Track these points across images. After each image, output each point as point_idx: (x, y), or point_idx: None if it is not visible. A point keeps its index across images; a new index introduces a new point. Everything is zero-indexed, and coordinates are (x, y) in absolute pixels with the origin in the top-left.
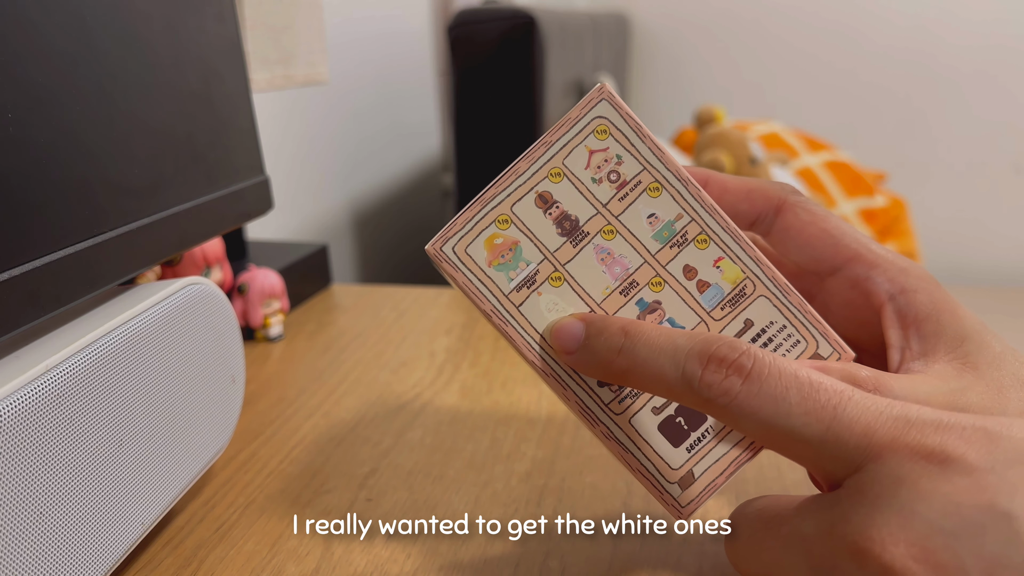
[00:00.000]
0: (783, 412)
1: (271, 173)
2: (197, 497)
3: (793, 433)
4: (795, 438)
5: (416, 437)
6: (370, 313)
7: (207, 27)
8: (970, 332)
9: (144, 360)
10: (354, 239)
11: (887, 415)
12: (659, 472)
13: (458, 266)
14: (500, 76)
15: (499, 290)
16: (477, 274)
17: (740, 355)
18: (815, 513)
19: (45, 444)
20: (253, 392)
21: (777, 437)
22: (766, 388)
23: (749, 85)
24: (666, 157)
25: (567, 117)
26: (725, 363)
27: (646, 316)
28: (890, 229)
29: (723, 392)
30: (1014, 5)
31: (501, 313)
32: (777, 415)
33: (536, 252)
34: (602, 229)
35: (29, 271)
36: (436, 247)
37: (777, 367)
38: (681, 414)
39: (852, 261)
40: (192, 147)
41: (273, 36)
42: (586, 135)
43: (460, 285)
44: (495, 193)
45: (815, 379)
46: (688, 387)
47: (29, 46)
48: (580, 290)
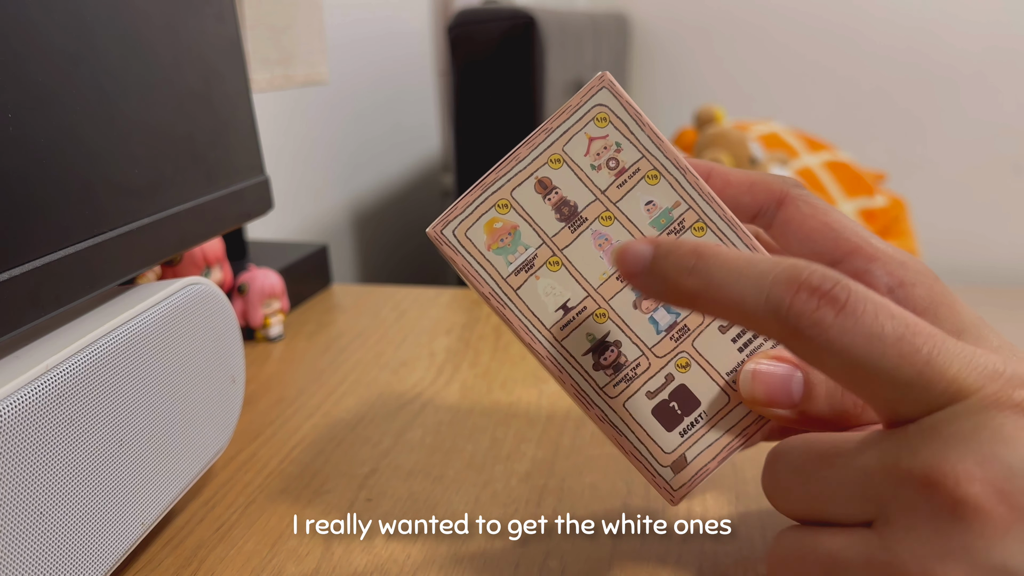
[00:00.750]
0: (876, 352)
1: (271, 173)
2: (197, 497)
3: (881, 374)
4: (881, 379)
5: (416, 437)
6: (370, 313)
7: (207, 27)
8: (967, 326)
9: (144, 360)
10: (354, 239)
11: (977, 361)
12: (652, 456)
13: (458, 249)
14: (500, 76)
15: (498, 273)
16: (476, 257)
17: (835, 286)
18: (879, 445)
19: (45, 444)
20: (253, 392)
21: (861, 376)
22: (861, 324)
23: (749, 85)
24: (665, 145)
25: (568, 104)
26: (818, 292)
27: (642, 302)
28: (890, 229)
29: (814, 323)
30: (1013, 6)
31: (499, 296)
32: (870, 355)
33: (535, 236)
34: (600, 215)
35: (29, 271)
36: (437, 230)
37: (874, 303)
38: (675, 399)
39: (852, 254)
40: (192, 147)
41: (273, 36)
42: (586, 122)
43: (459, 268)
44: (496, 178)
45: (910, 320)
46: (773, 314)
47: (30, 46)
48: (577, 275)
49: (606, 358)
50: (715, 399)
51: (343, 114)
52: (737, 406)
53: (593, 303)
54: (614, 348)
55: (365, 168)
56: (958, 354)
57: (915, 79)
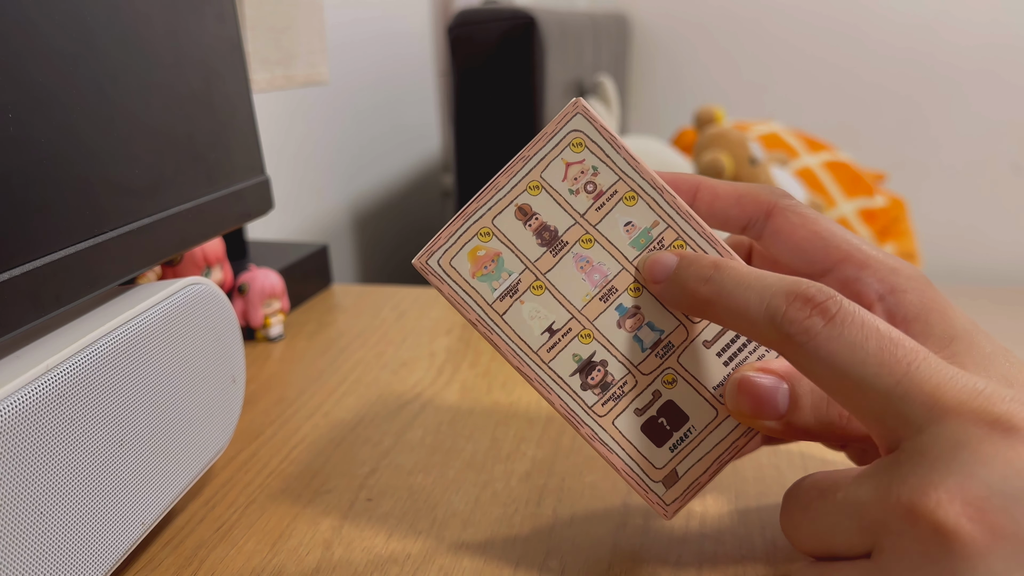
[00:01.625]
0: (859, 359)
1: (271, 173)
2: (197, 497)
3: (863, 382)
4: (864, 387)
5: (416, 437)
6: (370, 313)
7: (208, 27)
8: (959, 332)
9: (145, 360)
10: (354, 239)
11: (957, 380)
12: (644, 472)
13: (443, 278)
14: (500, 76)
15: (483, 300)
16: (462, 285)
17: (827, 299)
18: (872, 477)
19: (46, 444)
20: (253, 392)
21: (846, 385)
22: (847, 333)
23: (749, 85)
24: (641, 167)
25: (543, 132)
26: (811, 303)
27: (626, 321)
28: (890, 229)
29: (804, 330)
30: (1014, 5)
31: (486, 322)
32: (852, 362)
33: (517, 262)
34: (581, 238)
35: (30, 271)
36: (422, 260)
37: (861, 316)
38: (663, 415)
39: (842, 262)
40: (193, 147)
41: (274, 37)
42: (562, 148)
43: (446, 296)
44: (476, 207)
45: (895, 335)
46: (770, 321)
47: (30, 46)
48: (561, 297)
49: (593, 378)
50: (703, 413)
51: (343, 114)
52: (725, 419)
53: (578, 324)
54: (600, 367)
55: (365, 168)
56: (938, 370)
57: (915, 79)
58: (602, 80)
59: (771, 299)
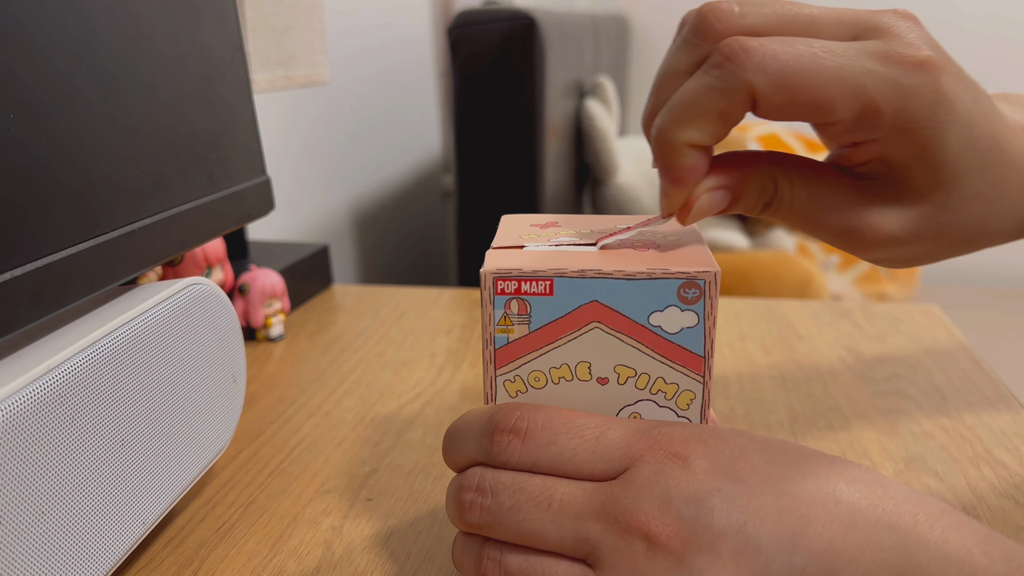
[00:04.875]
0: (555, 453)
1: (272, 174)
2: (198, 496)
3: (567, 465)
4: (570, 468)
5: (416, 437)
6: (371, 313)
7: (208, 28)
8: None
9: (146, 360)
10: (355, 240)
11: (640, 431)
12: None
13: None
14: (500, 77)
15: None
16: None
17: (515, 419)
18: (590, 494)
19: (47, 443)
20: (254, 392)
21: (559, 472)
22: (541, 439)
23: None
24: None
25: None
26: (506, 429)
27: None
28: None
29: (508, 455)
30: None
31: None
32: (552, 457)
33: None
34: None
35: (31, 271)
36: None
37: (548, 418)
38: None
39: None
40: (193, 148)
41: (274, 37)
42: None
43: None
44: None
45: (579, 421)
46: (487, 457)
47: (32, 48)
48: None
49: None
50: None
51: (344, 115)
52: None
53: None
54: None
55: (366, 168)
56: (625, 428)
57: None
58: (602, 81)
59: (479, 439)
